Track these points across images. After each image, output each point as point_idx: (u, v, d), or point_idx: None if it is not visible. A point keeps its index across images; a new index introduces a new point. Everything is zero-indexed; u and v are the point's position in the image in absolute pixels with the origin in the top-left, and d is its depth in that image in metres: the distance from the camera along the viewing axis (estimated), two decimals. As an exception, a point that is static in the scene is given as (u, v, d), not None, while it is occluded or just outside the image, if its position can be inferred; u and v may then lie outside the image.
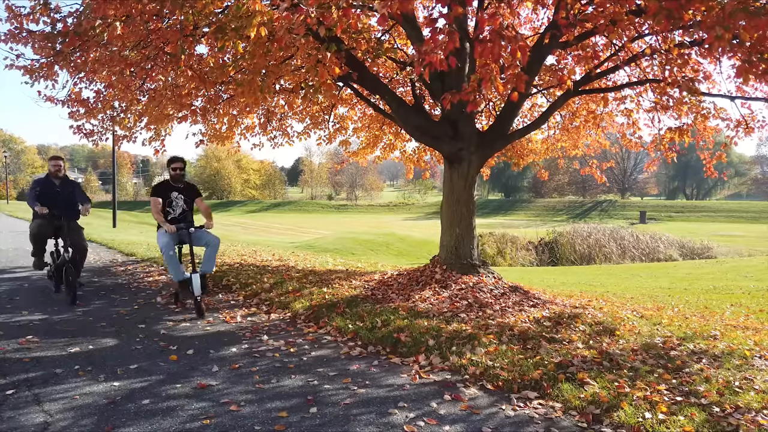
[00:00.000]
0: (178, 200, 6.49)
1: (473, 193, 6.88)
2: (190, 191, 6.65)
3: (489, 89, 3.75)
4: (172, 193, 6.47)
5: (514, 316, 5.63)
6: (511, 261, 25.50)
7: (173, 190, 6.49)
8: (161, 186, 6.58)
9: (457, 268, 6.74)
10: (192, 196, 6.62)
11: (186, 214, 6.53)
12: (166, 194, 6.45)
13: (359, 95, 7.66)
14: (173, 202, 6.45)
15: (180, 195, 6.51)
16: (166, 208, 6.41)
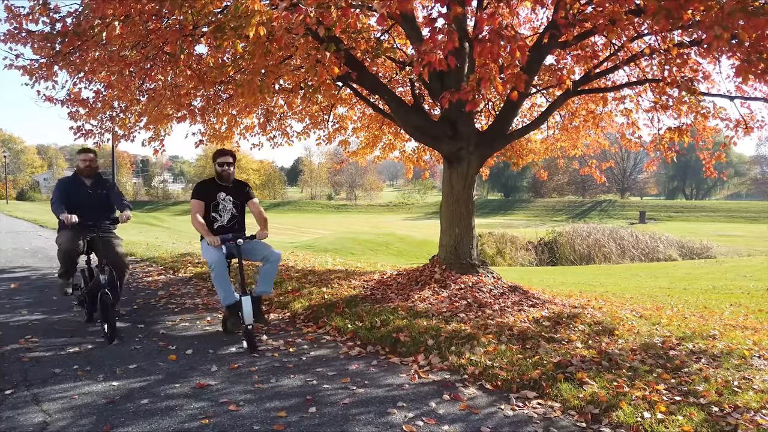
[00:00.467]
0: (227, 203, 5.25)
1: (472, 193, 6.88)
2: (241, 192, 5.38)
3: (488, 89, 3.75)
4: (218, 194, 5.23)
5: (513, 316, 5.63)
6: (510, 261, 25.51)
7: (220, 190, 5.25)
8: (205, 185, 5.31)
9: (456, 267, 6.74)
10: (243, 198, 5.38)
11: (236, 221, 5.33)
12: (211, 195, 5.20)
13: (358, 95, 7.65)
14: (220, 205, 5.23)
15: (228, 197, 5.27)
16: (212, 214, 5.19)
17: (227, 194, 5.26)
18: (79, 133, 8.95)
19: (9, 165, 71.71)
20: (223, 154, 5.29)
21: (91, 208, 5.35)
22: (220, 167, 5.23)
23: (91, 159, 5.61)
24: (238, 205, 5.33)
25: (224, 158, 5.25)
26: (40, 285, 7.79)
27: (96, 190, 5.53)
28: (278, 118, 10.46)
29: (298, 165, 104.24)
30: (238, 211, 5.34)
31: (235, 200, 5.30)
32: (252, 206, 5.38)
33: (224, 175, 5.24)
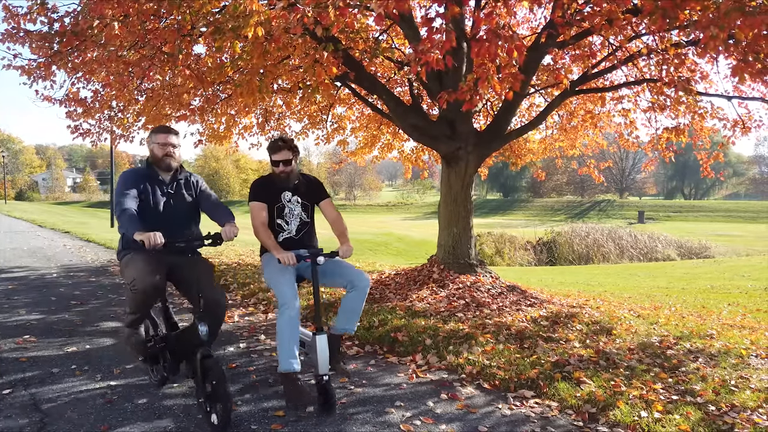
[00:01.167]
0: (294, 206, 3.93)
1: (471, 193, 6.88)
2: (311, 190, 4.04)
3: (486, 89, 3.76)
4: (283, 195, 3.92)
5: (512, 316, 5.64)
6: (509, 261, 25.53)
7: (285, 188, 3.94)
8: (265, 183, 3.95)
9: (454, 267, 6.75)
10: (314, 198, 4.04)
11: (306, 230, 3.98)
12: (274, 197, 3.90)
13: (357, 95, 7.66)
14: (285, 209, 3.91)
15: (296, 197, 3.94)
16: (276, 221, 3.88)
17: (294, 194, 3.94)
18: (77, 133, 8.95)
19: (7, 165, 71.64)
20: (279, 149, 3.82)
21: (174, 219, 3.57)
22: (276, 167, 3.86)
23: (174, 142, 3.60)
24: (308, 209, 3.99)
25: (281, 155, 3.81)
26: (38, 285, 7.78)
27: (179, 190, 3.66)
28: (277, 118, 10.47)
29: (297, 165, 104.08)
30: (308, 215, 3.98)
31: (303, 201, 3.96)
32: (326, 209, 4.03)
33: (283, 177, 3.87)
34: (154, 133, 3.63)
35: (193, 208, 3.73)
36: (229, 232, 3.44)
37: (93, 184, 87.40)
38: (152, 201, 3.53)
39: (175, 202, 3.62)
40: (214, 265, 3.98)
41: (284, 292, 3.53)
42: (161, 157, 3.57)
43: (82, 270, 9.37)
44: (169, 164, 3.59)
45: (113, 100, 8.32)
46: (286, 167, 3.86)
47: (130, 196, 3.39)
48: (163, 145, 3.57)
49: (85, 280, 8.26)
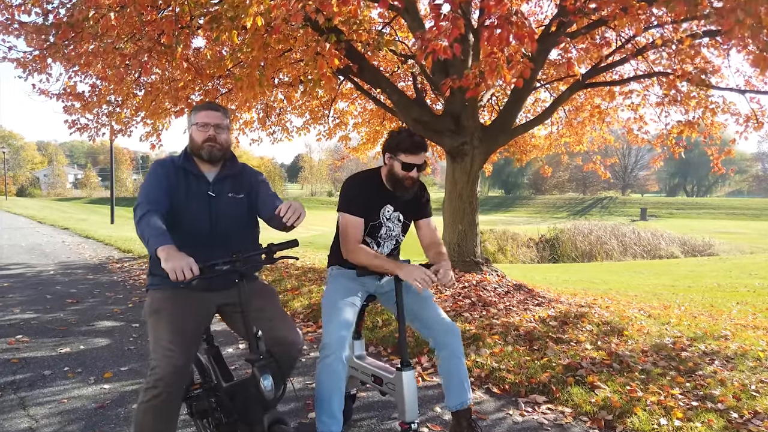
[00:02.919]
0: (393, 226, 3.00)
1: (476, 189, 6.71)
2: (417, 206, 3.04)
3: (495, 79, 3.58)
4: (384, 209, 2.95)
5: (519, 316, 5.47)
6: (512, 258, 25.34)
7: (388, 201, 2.95)
8: (366, 189, 2.93)
9: (459, 265, 6.58)
10: (416, 216, 3.06)
11: (395, 255, 3.09)
12: (373, 211, 2.93)
13: (359, 89, 7.49)
14: (382, 229, 2.97)
15: (398, 214, 3.00)
16: (366, 239, 2.93)
17: (396, 209, 2.96)
18: (75, 128, 8.80)
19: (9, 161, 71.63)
20: (418, 148, 2.79)
21: (219, 232, 2.58)
22: (408, 172, 2.80)
23: (220, 124, 2.60)
24: (406, 229, 3.07)
25: (419, 157, 2.79)
26: (34, 282, 7.63)
27: (225, 190, 2.63)
28: (278, 113, 10.30)
29: (298, 161, 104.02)
30: (403, 237, 3.08)
31: (405, 220, 3.02)
32: (424, 230, 3.05)
33: (408, 185, 2.85)
34: (194, 112, 2.64)
35: (246, 214, 2.65)
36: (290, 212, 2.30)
37: (94, 180, 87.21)
38: (187, 206, 2.53)
39: (220, 208, 2.57)
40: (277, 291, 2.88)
41: (334, 329, 2.64)
42: (201, 143, 2.53)
43: (80, 267, 9.22)
44: (212, 153, 2.56)
45: (111, 94, 8.17)
46: (418, 175, 2.86)
47: (155, 196, 2.44)
48: (203, 126, 2.54)
49: (82, 277, 8.11)
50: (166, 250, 2.15)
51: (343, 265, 2.97)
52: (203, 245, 2.46)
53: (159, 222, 2.30)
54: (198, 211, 2.55)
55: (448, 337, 2.81)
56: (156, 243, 2.19)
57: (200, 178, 2.59)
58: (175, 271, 2.09)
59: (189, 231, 2.52)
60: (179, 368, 2.25)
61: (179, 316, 2.41)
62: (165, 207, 2.46)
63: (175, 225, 2.49)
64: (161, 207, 2.43)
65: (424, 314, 2.84)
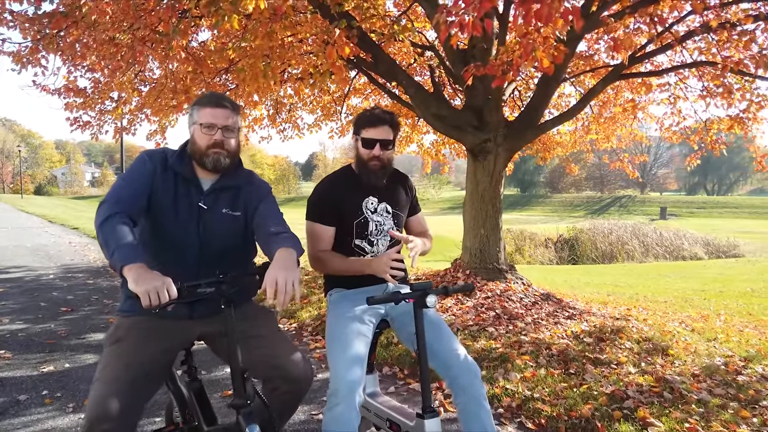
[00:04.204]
0: (383, 220, 2.55)
1: (500, 190, 6.19)
2: (402, 196, 2.66)
3: (530, 64, 3.07)
4: (366, 203, 2.53)
5: (550, 331, 4.95)
6: (529, 259, 24.69)
7: (368, 193, 2.54)
8: (335, 187, 2.53)
9: (482, 273, 6.06)
10: (402, 207, 2.66)
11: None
12: (352, 207, 2.51)
13: (374, 82, 7.00)
14: (370, 225, 2.52)
15: (384, 205, 2.57)
16: (355, 241, 2.50)
17: (381, 200, 2.56)
18: (76, 125, 8.43)
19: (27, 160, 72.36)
20: (377, 121, 2.42)
21: (209, 250, 2.13)
22: (369, 149, 2.44)
23: (229, 125, 2.10)
24: (400, 222, 2.63)
25: (378, 130, 2.42)
26: (31, 288, 7.24)
27: (220, 202, 2.16)
28: (288, 109, 9.87)
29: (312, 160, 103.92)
30: (397, 230, 2.60)
31: (396, 211, 2.59)
32: (414, 226, 2.74)
33: (375, 169, 2.46)
34: (196, 108, 2.09)
35: (241, 234, 2.18)
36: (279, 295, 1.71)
37: (111, 178, 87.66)
38: (173, 214, 2.06)
39: (211, 224, 2.10)
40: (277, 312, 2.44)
41: (343, 370, 2.14)
42: (205, 149, 2.05)
43: (82, 271, 8.84)
44: (219, 163, 2.07)
45: (113, 90, 7.77)
46: (384, 152, 2.44)
47: (128, 195, 1.98)
48: (208, 128, 2.04)
49: (82, 282, 7.72)
50: (135, 269, 1.71)
51: (344, 287, 2.50)
52: (189, 265, 2.07)
53: (127, 230, 1.85)
54: (184, 223, 2.09)
55: (468, 379, 2.27)
56: (123, 258, 1.74)
57: (192, 183, 2.12)
58: (149, 294, 1.66)
59: (173, 245, 2.09)
60: (114, 418, 1.77)
61: (141, 354, 1.96)
62: (138, 211, 2.00)
63: (157, 235, 2.09)
64: (133, 211, 1.97)
65: (439, 347, 2.30)
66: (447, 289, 2.26)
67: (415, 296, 2.14)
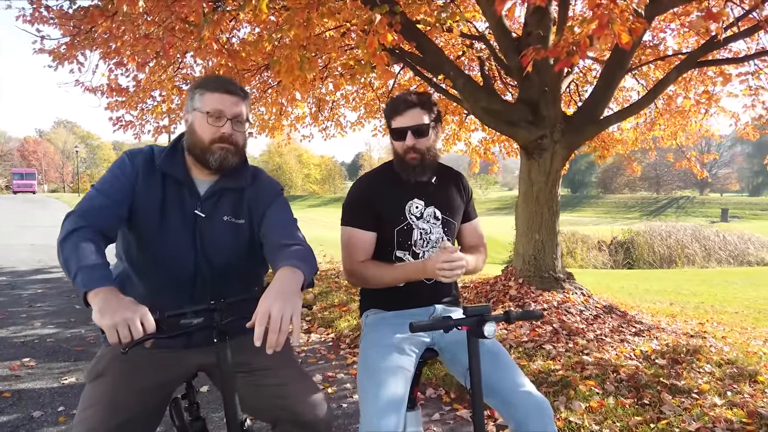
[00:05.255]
0: (430, 227, 2.10)
1: (557, 192, 5.65)
2: (457, 198, 2.20)
3: (605, 40, 2.57)
4: (410, 207, 2.08)
5: (615, 349, 4.39)
6: (582, 262, 23.72)
7: (413, 195, 2.09)
8: (373, 187, 2.10)
9: (536, 282, 5.54)
10: (455, 211, 2.18)
11: None
12: (393, 211, 2.06)
13: (419, 74, 6.55)
14: (415, 233, 2.07)
15: (433, 209, 2.11)
16: (396, 252, 2.07)
17: (429, 203, 2.11)
18: (119, 125, 8.34)
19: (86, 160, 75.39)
20: (406, 105, 2.00)
21: (215, 271, 1.76)
22: (400, 141, 2.03)
23: (239, 115, 1.70)
24: (451, 230, 2.16)
25: (408, 116, 1.99)
26: (68, 289, 7.15)
27: (222, 209, 1.77)
28: (330, 107, 9.55)
29: (358, 160, 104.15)
30: (451, 242, 2.08)
31: (446, 217, 2.14)
32: (468, 234, 2.27)
33: (413, 161, 2.02)
34: (198, 91, 1.68)
35: (245, 247, 1.78)
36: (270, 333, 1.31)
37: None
38: (161, 227, 1.70)
39: (209, 236, 1.73)
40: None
41: (375, 411, 1.73)
42: (209, 143, 1.66)
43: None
44: (225, 161, 1.69)
45: (155, 88, 7.62)
46: (419, 141, 2.00)
47: (101, 206, 1.60)
48: (216, 119, 1.65)
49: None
50: (102, 296, 1.33)
51: (383, 307, 2.09)
52: (183, 287, 1.72)
53: (92, 248, 1.47)
54: (176, 235, 1.71)
55: (541, 423, 1.81)
56: (86, 282, 1.37)
57: (186, 187, 1.73)
58: (117, 328, 1.28)
59: (163, 263, 1.71)
60: None
61: (128, 392, 1.61)
62: (114, 225, 1.63)
63: (143, 252, 1.72)
64: (107, 224, 1.59)
65: (500, 382, 1.86)
66: (509, 315, 1.79)
67: (470, 323, 1.70)
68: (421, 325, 1.66)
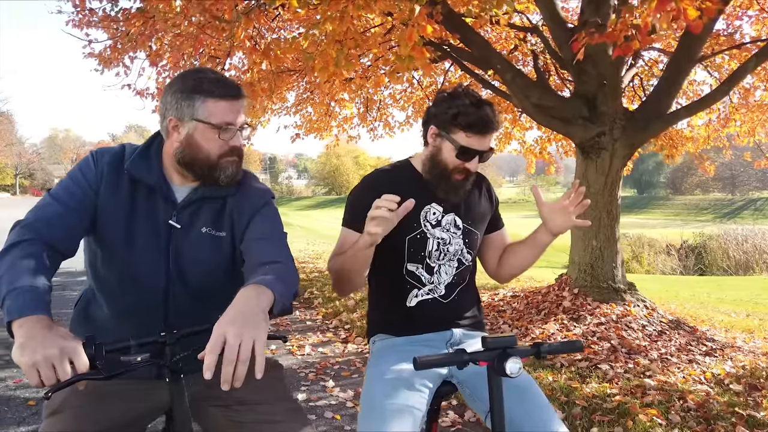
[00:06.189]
0: (450, 237, 1.79)
1: (617, 194, 5.17)
2: (475, 202, 1.87)
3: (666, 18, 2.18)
4: (427, 212, 1.77)
5: (683, 371, 3.91)
6: (648, 267, 22.53)
7: (429, 198, 1.77)
8: (385, 178, 1.82)
9: (593, 293, 5.08)
10: (480, 220, 1.88)
11: (466, 289, 1.86)
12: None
13: (466, 70, 6.21)
14: (430, 242, 1.76)
15: (453, 216, 1.80)
16: (407, 266, 1.76)
17: (449, 209, 1.81)
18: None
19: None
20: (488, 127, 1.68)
21: (190, 291, 1.51)
22: (464, 160, 1.71)
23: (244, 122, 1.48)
24: (473, 242, 1.86)
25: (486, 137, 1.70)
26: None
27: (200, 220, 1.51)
28: (378, 107, 9.33)
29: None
30: (472, 257, 1.86)
31: (467, 226, 1.84)
32: (497, 245, 1.95)
33: (458, 181, 1.75)
34: (201, 97, 1.40)
35: (226, 261, 1.54)
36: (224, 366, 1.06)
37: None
38: (129, 240, 1.46)
39: (186, 249, 1.49)
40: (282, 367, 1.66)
41: None
42: (218, 158, 1.45)
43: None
44: (235, 176, 1.50)
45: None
46: (478, 164, 1.75)
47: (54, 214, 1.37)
48: (224, 131, 1.42)
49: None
50: (28, 327, 1.10)
51: (391, 332, 1.80)
52: (153, 311, 1.47)
53: (32, 265, 1.23)
54: (145, 251, 1.47)
55: None
56: (13, 308, 1.13)
57: (160, 194, 1.48)
58: (38, 369, 1.05)
59: (131, 282, 1.47)
60: None
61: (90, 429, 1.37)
62: (71, 237, 1.39)
63: (105, 271, 1.49)
64: (60, 237, 1.35)
65: (529, 424, 1.55)
66: (539, 348, 1.47)
67: (489, 358, 1.40)
68: (428, 360, 1.37)
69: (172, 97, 1.43)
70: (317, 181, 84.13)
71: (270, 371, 1.57)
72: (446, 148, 1.72)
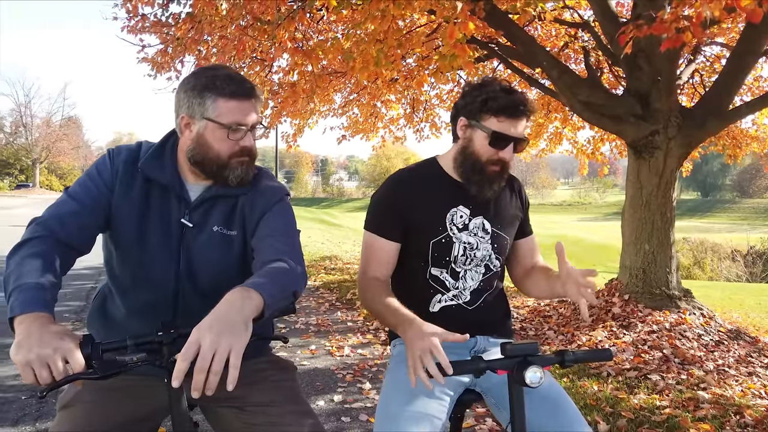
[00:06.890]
0: (477, 241, 1.70)
1: (672, 196, 4.91)
2: (505, 205, 1.78)
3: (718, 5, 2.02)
4: (453, 215, 1.69)
5: (741, 385, 3.66)
6: (711, 274, 21.46)
7: (456, 200, 1.70)
8: (411, 179, 1.73)
9: (645, 299, 4.83)
10: (510, 224, 1.79)
11: (493, 296, 1.78)
12: (433, 216, 1.69)
13: (511, 67, 6.06)
14: (456, 246, 1.68)
15: (481, 220, 1.71)
16: (431, 270, 1.70)
17: (477, 212, 1.72)
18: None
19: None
20: (520, 110, 1.59)
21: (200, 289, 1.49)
22: (498, 148, 1.62)
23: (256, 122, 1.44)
24: (502, 248, 1.77)
25: (518, 120, 1.60)
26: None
27: (212, 219, 1.49)
28: (425, 107, 9.25)
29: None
30: (500, 264, 1.78)
31: (496, 231, 1.75)
32: (525, 252, 1.86)
33: (493, 174, 1.65)
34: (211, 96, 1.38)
35: (237, 260, 1.52)
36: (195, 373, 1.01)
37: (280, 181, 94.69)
38: (141, 238, 1.46)
39: (197, 248, 1.48)
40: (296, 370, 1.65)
41: None
42: (228, 158, 1.43)
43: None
44: (246, 177, 1.48)
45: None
46: (512, 155, 1.66)
47: (71, 212, 1.38)
48: (235, 132, 1.40)
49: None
50: (26, 324, 1.10)
51: None
52: (162, 309, 1.46)
53: (39, 263, 1.22)
54: (157, 248, 1.46)
55: None
56: (16, 305, 1.14)
57: (173, 192, 1.47)
58: (32, 367, 1.05)
59: (139, 283, 1.48)
60: None
61: (102, 426, 1.38)
62: (87, 236, 1.40)
63: (119, 269, 1.50)
64: (76, 235, 1.36)
65: (557, 421, 1.48)
66: (564, 357, 1.38)
67: (509, 366, 1.33)
68: (458, 371, 1.31)
69: (185, 95, 1.42)
70: (368, 183, 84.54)
71: (285, 374, 1.57)
72: (478, 138, 1.64)
